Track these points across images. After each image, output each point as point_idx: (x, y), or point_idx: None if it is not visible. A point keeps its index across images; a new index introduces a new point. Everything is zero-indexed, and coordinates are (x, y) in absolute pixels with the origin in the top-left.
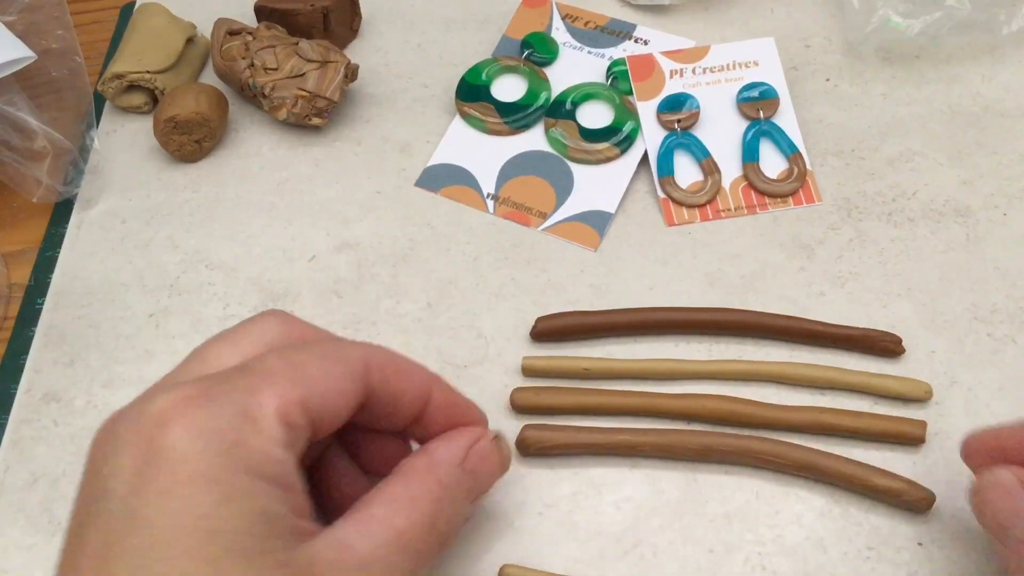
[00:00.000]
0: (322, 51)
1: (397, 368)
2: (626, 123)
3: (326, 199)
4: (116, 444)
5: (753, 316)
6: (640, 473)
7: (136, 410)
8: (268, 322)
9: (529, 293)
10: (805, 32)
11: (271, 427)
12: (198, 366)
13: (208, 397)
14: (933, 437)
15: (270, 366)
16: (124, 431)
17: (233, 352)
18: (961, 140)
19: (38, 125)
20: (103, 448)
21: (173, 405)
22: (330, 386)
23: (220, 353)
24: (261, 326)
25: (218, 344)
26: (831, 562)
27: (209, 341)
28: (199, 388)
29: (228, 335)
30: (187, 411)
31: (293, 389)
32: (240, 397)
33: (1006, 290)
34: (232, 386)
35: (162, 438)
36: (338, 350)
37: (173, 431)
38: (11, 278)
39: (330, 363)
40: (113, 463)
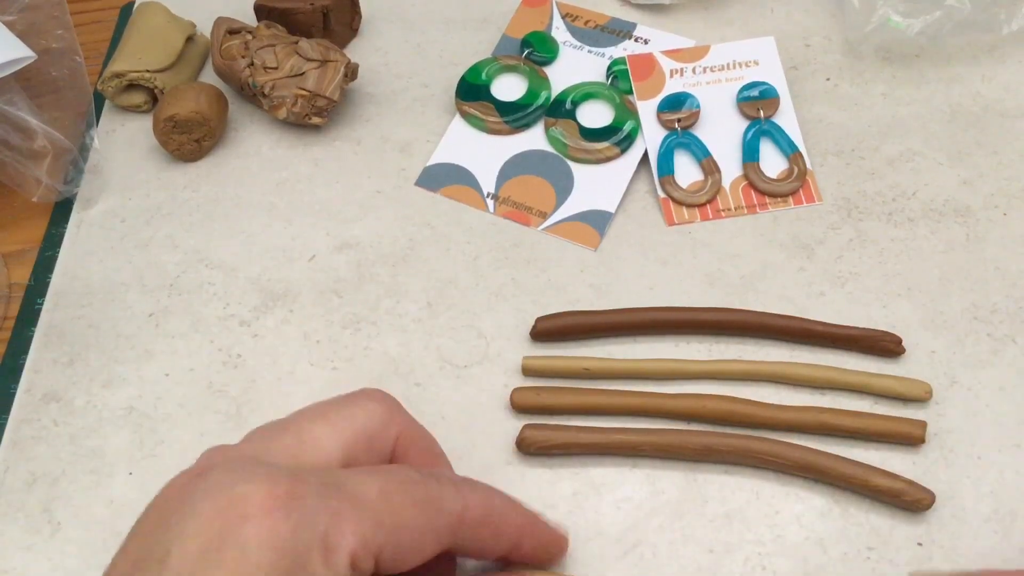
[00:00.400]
0: (322, 50)
1: (491, 522)
2: (626, 122)
3: (326, 199)
4: (192, 511)
5: (753, 316)
6: (640, 473)
7: (224, 484)
8: (372, 407)
9: (529, 293)
10: (805, 31)
11: (340, 563)
12: (296, 446)
13: (296, 507)
14: (933, 437)
15: (367, 497)
16: (203, 501)
17: (331, 436)
18: (961, 140)
19: (38, 125)
20: (176, 505)
21: (261, 501)
22: (414, 540)
23: (319, 436)
24: (365, 409)
25: (318, 422)
26: (831, 562)
27: (309, 413)
28: (290, 490)
29: (329, 411)
30: (272, 514)
31: (377, 535)
32: (325, 520)
33: (1006, 290)
34: (322, 503)
35: (237, 532)
36: (440, 500)
37: (251, 530)
38: (11, 278)
39: (423, 516)
40: (181, 530)
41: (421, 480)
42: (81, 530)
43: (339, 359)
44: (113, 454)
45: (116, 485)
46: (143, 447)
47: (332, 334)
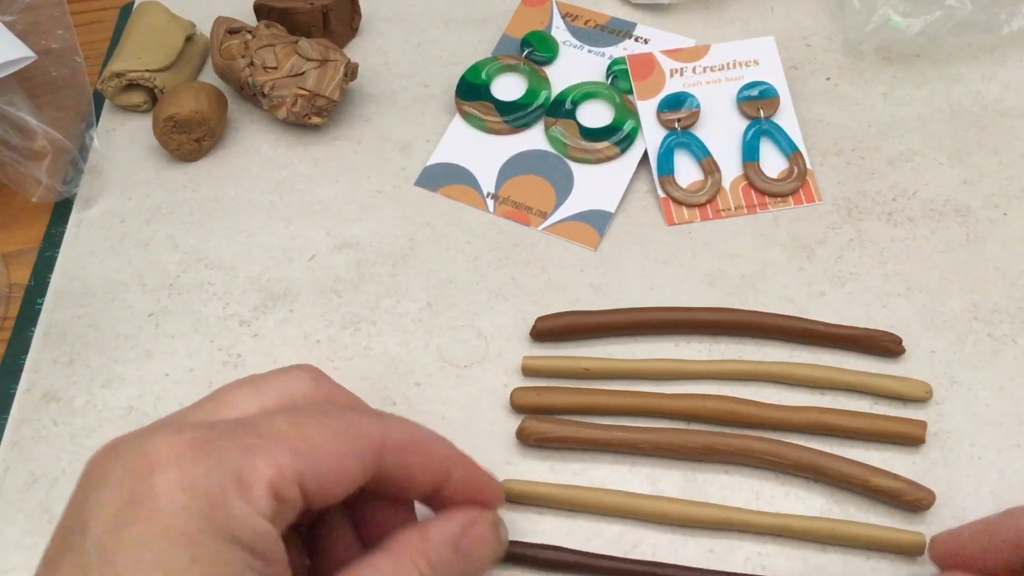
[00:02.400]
0: (322, 50)
1: (416, 449)
2: (626, 122)
3: (326, 198)
4: (104, 478)
5: (753, 316)
6: (640, 473)
7: (132, 445)
8: (298, 376)
9: (529, 293)
10: (805, 31)
11: (260, 496)
12: (215, 408)
13: (204, 449)
14: (933, 437)
15: (277, 429)
16: (114, 466)
17: (254, 400)
18: (961, 140)
19: (38, 125)
20: (92, 477)
21: (168, 451)
22: (334, 464)
23: (241, 398)
24: (290, 378)
25: (242, 388)
26: (831, 562)
27: (235, 383)
28: (198, 437)
29: (254, 381)
30: (179, 460)
31: (293, 461)
32: (236, 457)
33: (1006, 290)
34: (232, 442)
35: (148, 484)
36: (355, 425)
37: (160, 479)
38: (11, 278)
39: (341, 439)
40: (97, 497)
41: (336, 411)
42: None
43: (339, 359)
44: None
45: None
46: None
47: (332, 334)
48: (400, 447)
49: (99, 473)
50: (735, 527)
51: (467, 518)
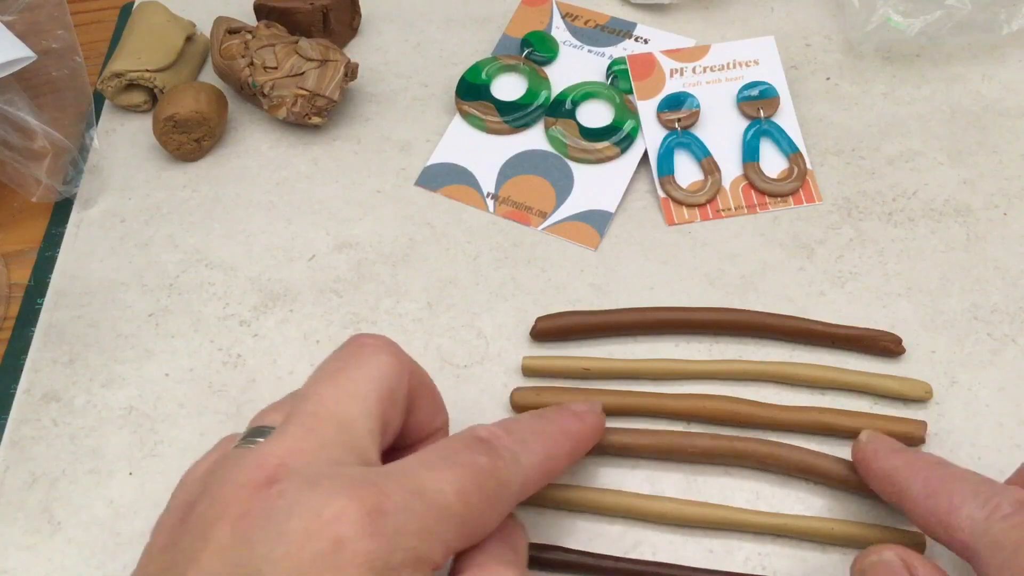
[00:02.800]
0: (322, 50)
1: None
2: (626, 122)
3: (326, 198)
4: (278, 531)
5: (753, 316)
6: (640, 473)
7: (308, 499)
8: (384, 362)
9: (529, 293)
10: (805, 31)
11: (425, 573)
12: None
13: (384, 525)
14: (933, 437)
15: (447, 503)
16: (290, 522)
17: (366, 412)
18: (961, 140)
19: (38, 125)
20: (258, 519)
21: (353, 519)
22: (486, 531)
23: (354, 416)
24: (379, 369)
25: (337, 394)
26: (831, 562)
27: (322, 382)
28: (376, 504)
29: (340, 377)
30: (366, 536)
31: (459, 542)
32: (416, 538)
33: (1006, 290)
34: (411, 517)
35: (336, 555)
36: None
37: (349, 554)
38: (11, 278)
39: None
40: (272, 548)
41: (489, 467)
42: (81, 530)
43: None
44: (113, 454)
45: (116, 485)
46: (143, 447)
47: (332, 334)
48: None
49: (268, 518)
50: (735, 527)
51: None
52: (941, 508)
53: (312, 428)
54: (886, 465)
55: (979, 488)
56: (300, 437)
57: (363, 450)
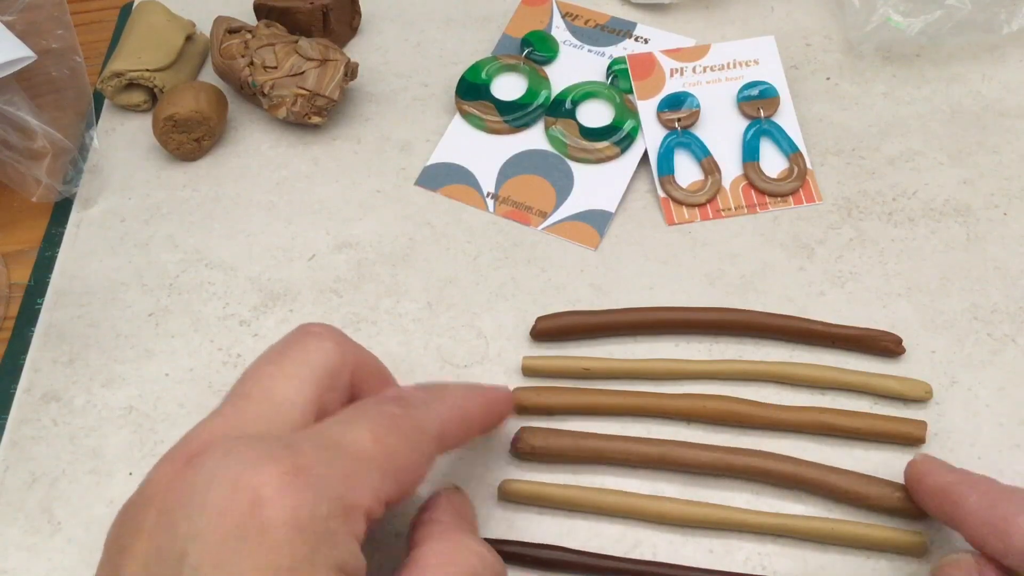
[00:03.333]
0: (322, 49)
1: (463, 424)
2: (626, 122)
3: (326, 198)
4: (201, 502)
5: (753, 316)
6: (640, 473)
7: (225, 468)
8: (324, 347)
9: (529, 293)
10: (805, 31)
11: (358, 523)
12: (266, 410)
13: (307, 480)
14: (933, 437)
15: (365, 449)
16: (213, 492)
17: (298, 392)
18: (961, 139)
19: (38, 125)
20: (181, 496)
21: (272, 481)
22: (412, 473)
23: (286, 394)
24: (318, 352)
25: (279, 380)
26: (831, 562)
27: (265, 370)
28: (295, 463)
29: (284, 364)
30: (286, 492)
31: (384, 483)
32: (336, 486)
33: (1006, 290)
34: (331, 470)
35: (256, 518)
36: (422, 424)
37: (270, 513)
38: (11, 278)
39: (416, 448)
40: (192, 525)
41: (402, 413)
42: (81, 530)
43: None
44: (113, 454)
45: (116, 485)
46: (143, 447)
47: None
48: (454, 432)
49: (190, 494)
50: (735, 527)
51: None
52: (998, 517)
53: (242, 407)
54: (941, 481)
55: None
56: (228, 415)
57: (291, 425)
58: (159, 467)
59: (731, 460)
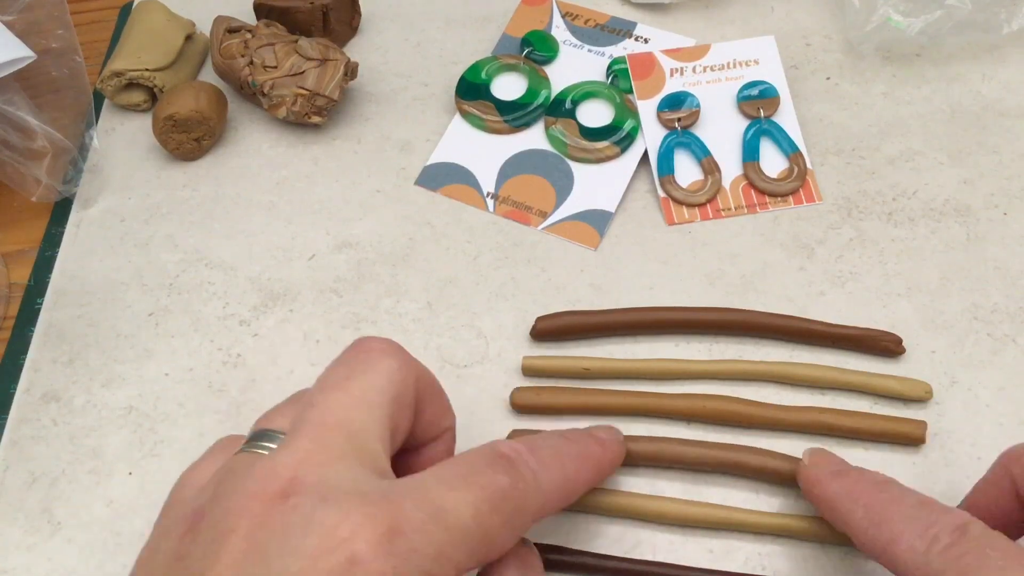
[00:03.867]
0: (322, 49)
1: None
2: (626, 122)
3: (326, 198)
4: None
5: (753, 316)
6: (639, 473)
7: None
8: (391, 367)
9: (529, 292)
10: (805, 31)
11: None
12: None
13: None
14: (933, 437)
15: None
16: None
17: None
18: (961, 139)
19: (38, 124)
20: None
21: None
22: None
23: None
24: (386, 374)
25: (343, 401)
26: (831, 562)
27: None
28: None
29: (347, 383)
30: (381, 557)
31: (471, 560)
32: (429, 562)
33: (1006, 290)
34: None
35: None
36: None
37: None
38: (11, 278)
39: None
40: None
41: (510, 487)
42: (81, 530)
43: None
44: (113, 454)
45: (116, 485)
46: (143, 447)
47: (332, 334)
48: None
49: (284, 534)
50: (735, 527)
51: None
52: (883, 539)
53: (322, 438)
54: (828, 491)
55: (919, 514)
56: (311, 448)
57: (375, 459)
58: (243, 492)
59: (729, 456)
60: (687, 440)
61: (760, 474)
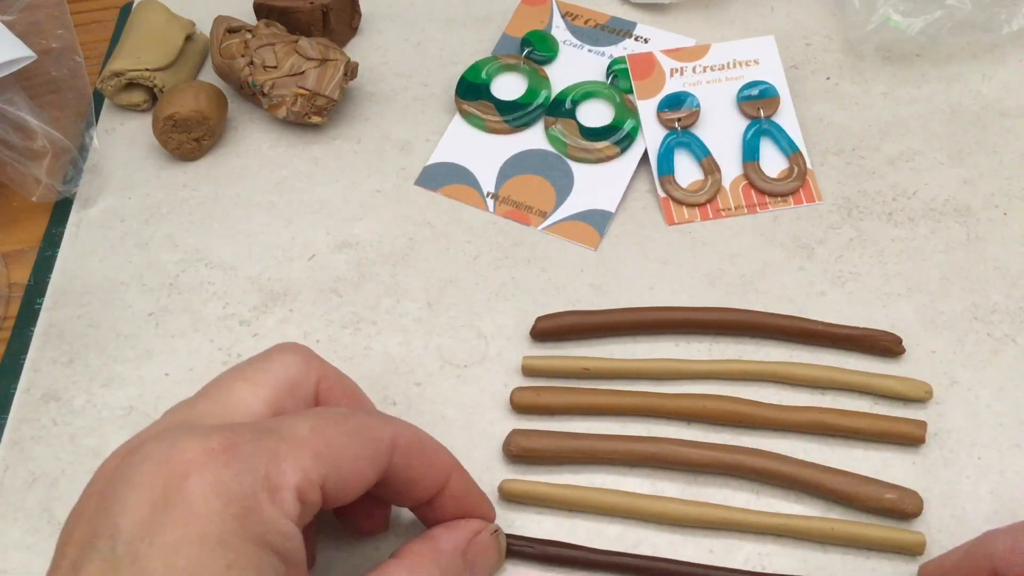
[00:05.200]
0: (322, 49)
1: (422, 452)
2: (626, 122)
3: (326, 198)
4: (131, 482)
5: (753, 316)
6: (639, 473)
7: (156, 450)
8: (288, 360)
9: (529, 292)
10: (805, 31)
11: (288, 500)
12: (218, 407)
13: (233, 455)
14: (933, 437)
15: (299, 434)
16: (142, 471)
17: (254, 394)
18: (961, 139)
19: (38, 124)
20: (115, 481)
21: (197, 456)
22: (354, 468)
23: (241, 396)
24: (282, 364)
25: (237, 382)
26: (831, 562)
27: (227, 376)
28: (224, 442)
29: (246, 371)
30: (210, 465)
31: (317, 466)
32: (265, 462)
33: (1006, 290)
34: (259, 447)
35: (181, 489)
36: (370, 428)
37: (194, 484)
38: (11, 278)
39: (359, 443)
40: (123, 501)
41: (350, 414)
42: None
43: (339, 359)
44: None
45: None
46: None
47: (332, 333)
48: (408, 450)
49: (122, 477)
50: (735, 527)
51: (473, 528)
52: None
53: (193, 404)
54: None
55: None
56: (178, 412)
57: (238, 416)
58: (103, 464)
59: (725, 457)
60: (687, 440)
61: (760, 474)
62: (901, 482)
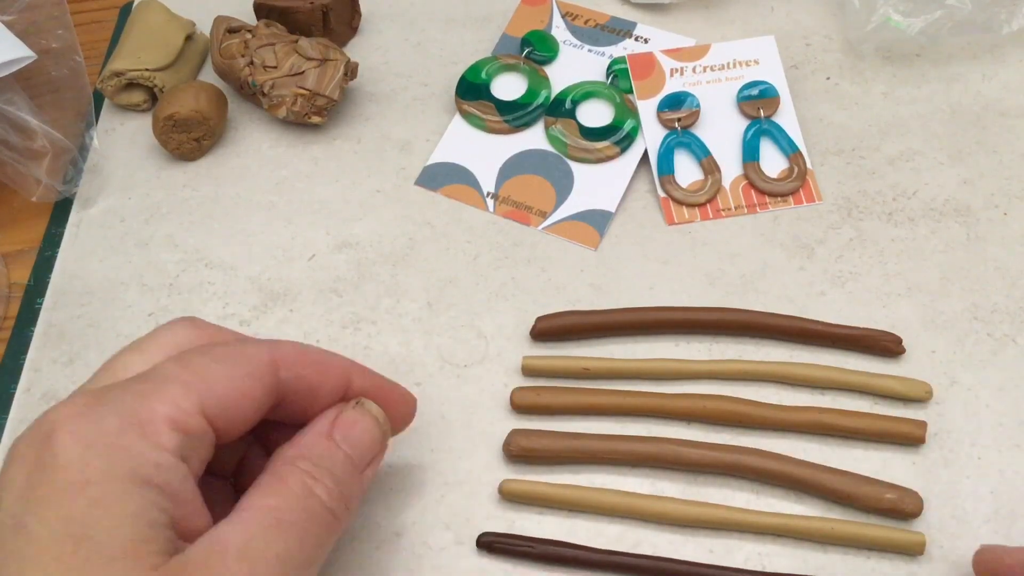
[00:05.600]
0: (322, 49)
1: (310, 361)
2: (626, 122)
3: (326, 198)
4: (11, 457)
5: (753, 316)
6: (639, 473)
7: (32, 424)
8: (177, 328)
9: (529, 292)
10: (805, 31)
11: (160, 433)
12: (106, 377)
13: (97, 405)
14: (933, 437)
15: (166, 372)
16: (19, 447)
17: (141, 360)
18: (961, 139)
19: (38, 124)
20: (4, 464)
21: (63, 416)
22: (233, 388)
23: (128, 363)
24: (170, 332)
25: (126, 354)
26: (831, 562)
27: (120, 351)
28: (91, 397)
29: (137, 343)
30: (73, 419)
31: (189, 395)
32: (130, 404)
33: (1006, 290)
34: (124, 393)
35: (49, 448)
36: (242, 351)
37: (59, 440)
38: (11, 278)
39: (232, 365)
40: (7, 475)
41: (221, 344)
42: None
43: None
44: None
45: None
46: None
47: (332, 333)
48: (293, 361)
49: (8, 457)
50: (735, 527)
51: (334, 410)
52: None
53: (88, 382)
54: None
55: None
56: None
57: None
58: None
59: (725, 457)
60: (687, 440)
61: (760, 474)
62: (901, 482)
